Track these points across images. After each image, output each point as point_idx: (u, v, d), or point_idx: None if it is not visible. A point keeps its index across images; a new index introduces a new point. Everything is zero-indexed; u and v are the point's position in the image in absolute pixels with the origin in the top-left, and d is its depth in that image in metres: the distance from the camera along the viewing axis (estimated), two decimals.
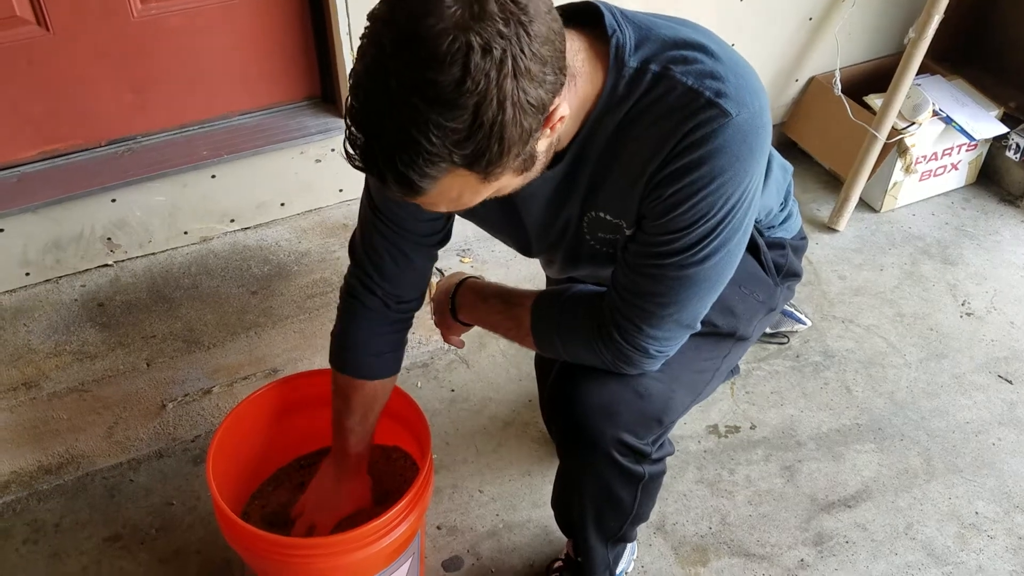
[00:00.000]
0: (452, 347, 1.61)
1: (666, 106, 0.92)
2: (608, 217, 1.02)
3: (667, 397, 1.11)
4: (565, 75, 0.85)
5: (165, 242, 1.89)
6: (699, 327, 1.06)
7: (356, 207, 1.33)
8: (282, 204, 1.97)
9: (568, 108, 0.87)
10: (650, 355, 1.05)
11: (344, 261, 1.77)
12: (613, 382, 1.09)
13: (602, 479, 1.16)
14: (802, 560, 1.54)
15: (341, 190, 2.02)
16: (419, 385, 1.82)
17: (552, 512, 1.41)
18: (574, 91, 0.91)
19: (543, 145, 0.88)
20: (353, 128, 0.81)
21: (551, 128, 0.86)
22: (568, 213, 1.06)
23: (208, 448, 1.25)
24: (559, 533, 1.51)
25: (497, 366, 1.86)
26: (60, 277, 1.82)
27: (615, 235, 1.04)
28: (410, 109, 0.77)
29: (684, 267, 0.97)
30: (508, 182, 0.89)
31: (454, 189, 0.84)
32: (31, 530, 1.56)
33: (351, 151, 0.82)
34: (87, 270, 1.84)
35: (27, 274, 1.79)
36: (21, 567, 1.50)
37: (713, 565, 1.53)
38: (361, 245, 1.19)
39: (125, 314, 1.72)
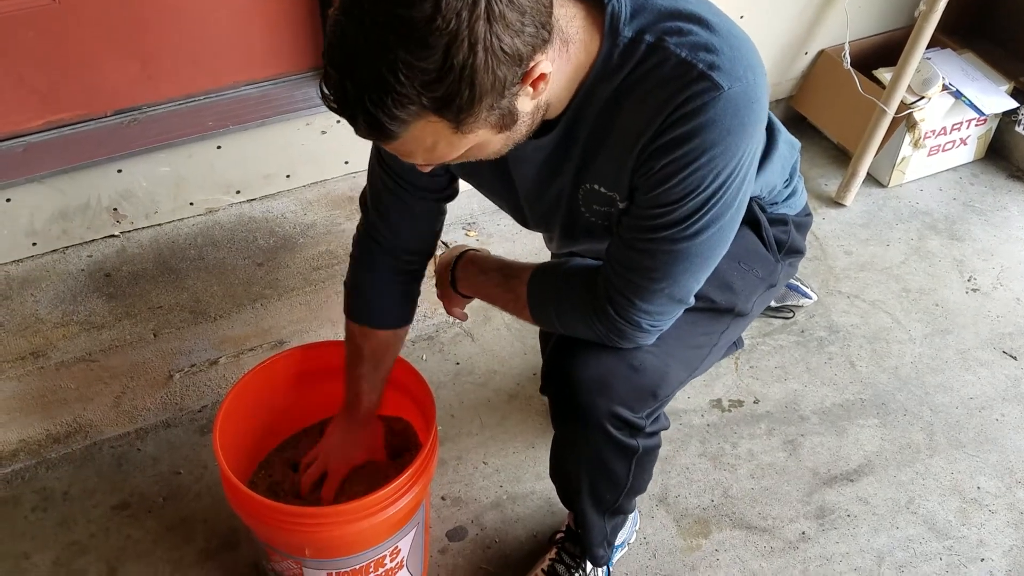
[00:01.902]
0: (457, 320, 1.61)
1: (659, 77, 0.91)
2: (602, 190, 1.02)
3: (662, 371, 1.12)
4: (549, 32, 0.84)
5: (171, 213, 1.89)
6: (692, 302, 1.06)
7: (362, 180, 1.33)
8: (287, 176, 1.97)
9: (551, 66, 0.86)
10: (643, 329, 1.05)
11: (350, 233, 1.78)
12: (608, 356, 1.09)
13: (596, 452, 1.17)
14: (803, 533, 1.55)
15: (347, 162, 2.02)
16: (424, 358, 1.83)
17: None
18: (566, 57, 0.91)
19: (526, 105, 0.88)
20: (329, 67, 0.81)
21: (533, 86, 0.85)
22: (561, 184, 1.06)
23: (215, 418, 1.26)
24: (562, 505, 1.53)
25: (502, 339, 1.87)
26: (67, 247, 1.82)
27: (609, 208, 1.04)
28: (381, 46, 0.77)
29: (675, 241, 0.97)
30: (487, 138, 0.88)
31: (427, 137, 0.84)
32: (40, 498, 1.58)
33: (326, 91, 0.83)
34: (93, 240, 1.84)
35: (34, 244, 1.80)
36: (30, 534, 1.52)
37: (715, 537, 1.54)
38: (370, 197, 1.22)
39: (131, 285, 1.72)
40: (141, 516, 1.55)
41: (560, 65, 0.90)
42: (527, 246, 2.01)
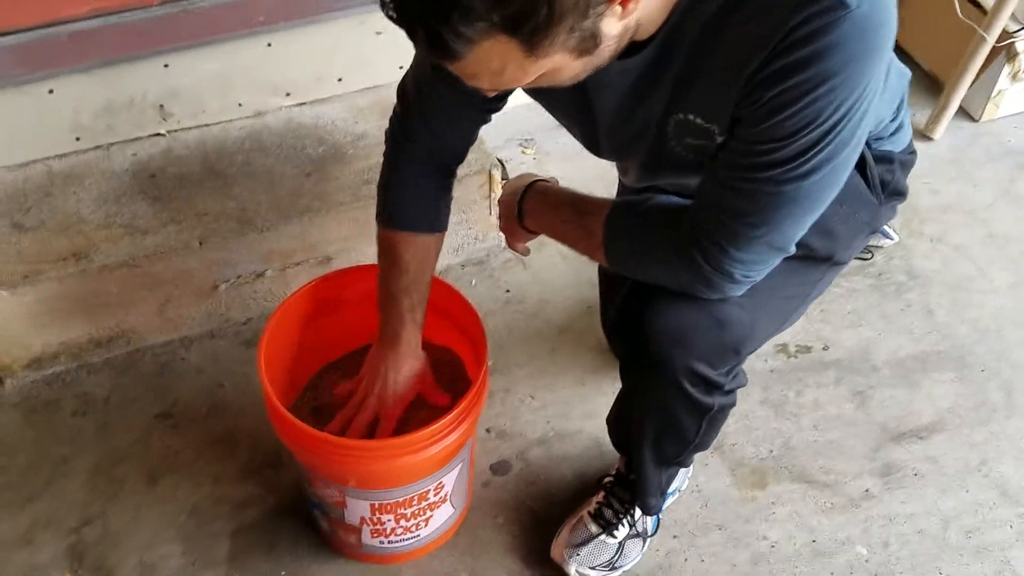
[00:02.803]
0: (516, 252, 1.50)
1: None
2: (698, 120, 0.90)
3: (749, 326, 1.02)
4: None
5: (219, 113, 1.81)
6: (793, 251, 0.95)
7: None
8: (339, 79, 1.87)
9: None
10: (734, 280, 0.94)
11: None
12: (690, 306, 0.99)
13: (667, 408, 1.09)
14: (867, 490, 1.47)
15: (401, 67, 1.88)
16: (473, 283, 1.75)
17: (605, 425, 1.35)
18: None
19: (613, 27, 0.76)
20: None
21: (622, 5, 0.74)
22: (649, 112, 0.94)
23: (259, 340, 1.20)
24: (611, 446, 1.46)
25: (555, 268, 1.78)
26: (111, 144, 1.75)
27: (705, 142, 0.92)
28: None
29: (781, 183, 0.85)
30: (564, 63, 0.77)
31: (495, 59, 0.74)
32: (80, 402, 1.55)
33: None
34: (139, 138, 1.77)
35: (77, 139, 1.73)
36: (69, 438, 1.50)
37: (772, 489, 1.47)
38: (412, 91, 1.11)
39: (177, 188, 1.65)
40: (183, 427, 1.52)
41: None
42: (588, 169, 1.88)
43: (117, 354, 1.63)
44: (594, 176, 1.89)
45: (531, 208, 1.17)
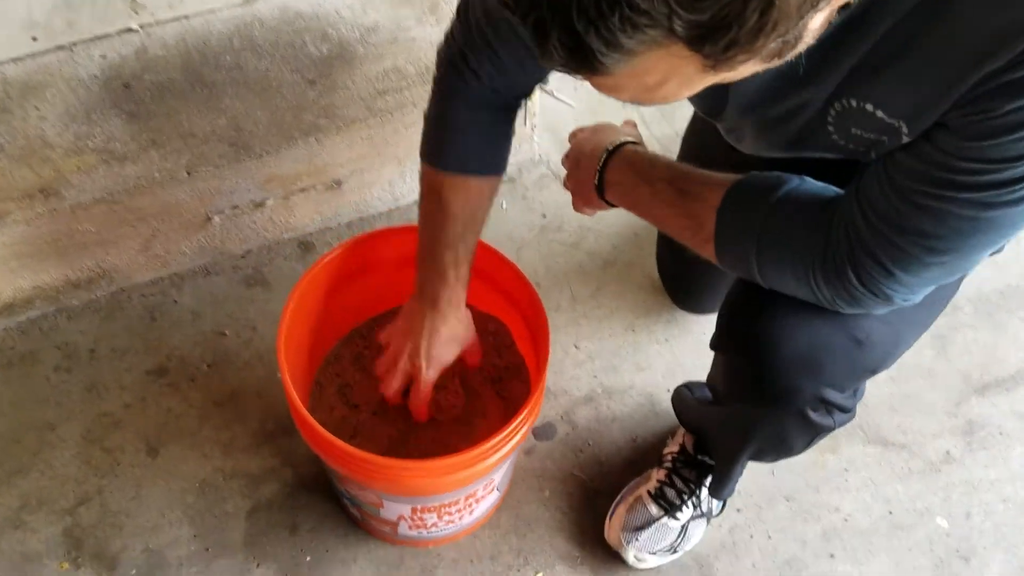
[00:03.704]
0: (545, 161, 1.24)
1: None
2: (878, 113, 0.67)
3: (892, 344, 0.83)
4: None
5: (200, 2, 1.52)
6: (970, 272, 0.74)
7: None
8: None
9: None
10: (891, 302, 0.75)
11: (420, 44, 1.43)
12: (825, 322, 0.80)
13: (780, 430, 0.91)
14: (948, 452, 1.33)
15: None
16: (504, 206, 1.54)
17: (658, 379, 1.18)
18: None
19: (817, 20, 0.52)
20: None
21: None
22: (806, 96, 0.71)
23: (278, 328, 1.01)
24: (667, 405, 1.32)
25: None
26: (74, 44, 1.47)
27: (879, 136, 0.69)
28: None
29: (987, 206, 0.64)
30: (743, 71, 0.53)
31: (655, 73, 0.50)
32: (62, 355, 1.37)
33: None
34: (107, 35, 1.48)
35: (34, 39, 1.44)
36: (54, 400, 1.32)
37: (844, 453, 1.33)
38: (481, 18, 0.85)
39: (157, 101, 1.40)
40: (183, 385, 1.35)
41: None
42: None
43: (99, 295, 1.43)
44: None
45: (617, 180, 0.95)
